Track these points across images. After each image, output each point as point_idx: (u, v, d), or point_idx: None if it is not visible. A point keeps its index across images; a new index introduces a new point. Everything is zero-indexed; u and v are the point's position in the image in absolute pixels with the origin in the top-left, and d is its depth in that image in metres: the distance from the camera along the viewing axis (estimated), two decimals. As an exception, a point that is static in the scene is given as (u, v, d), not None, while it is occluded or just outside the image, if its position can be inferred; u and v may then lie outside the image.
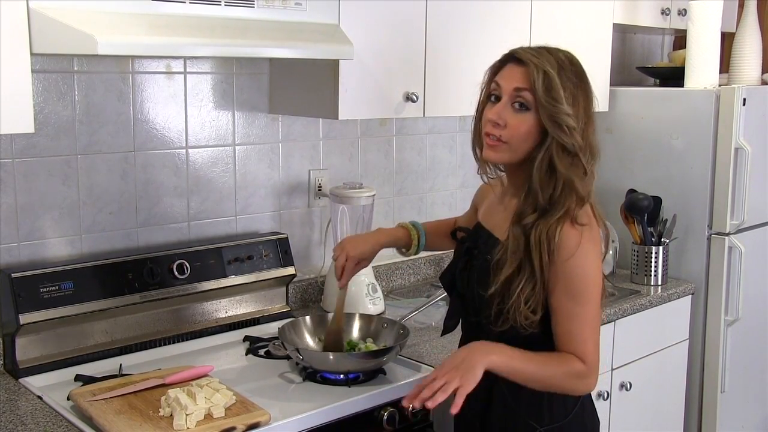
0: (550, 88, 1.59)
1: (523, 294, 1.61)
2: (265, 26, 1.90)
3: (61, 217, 2.07)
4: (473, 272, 1.74)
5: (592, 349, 1.64)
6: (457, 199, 3.00)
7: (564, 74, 1.60)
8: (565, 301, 1.62)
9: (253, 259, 2.30)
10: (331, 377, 1.94)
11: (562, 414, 1.70)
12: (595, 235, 1.65)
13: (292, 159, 2.51)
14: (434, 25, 2.33)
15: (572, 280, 1.61)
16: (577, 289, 1.61)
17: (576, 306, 1.62)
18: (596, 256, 1.65)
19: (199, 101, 2.28)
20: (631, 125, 3.05)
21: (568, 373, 1.63)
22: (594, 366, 1.64)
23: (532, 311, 1.61)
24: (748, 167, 2.83)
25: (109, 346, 2.06)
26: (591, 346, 1.64)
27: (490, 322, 1.66)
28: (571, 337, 1.63)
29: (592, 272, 1.63)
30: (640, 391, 2.74)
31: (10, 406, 1.78)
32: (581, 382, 1.65)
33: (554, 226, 1.60)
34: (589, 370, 1.64)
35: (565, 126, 1.59)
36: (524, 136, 1.62)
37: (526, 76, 1.61)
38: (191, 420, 1.64)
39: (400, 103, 2.29)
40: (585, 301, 1.62)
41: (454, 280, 1.81)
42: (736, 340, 2.96)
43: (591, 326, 1.64)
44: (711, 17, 2.89)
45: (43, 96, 2.00)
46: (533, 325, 1.62)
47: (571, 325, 1.62)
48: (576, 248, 1.59)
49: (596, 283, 1.64)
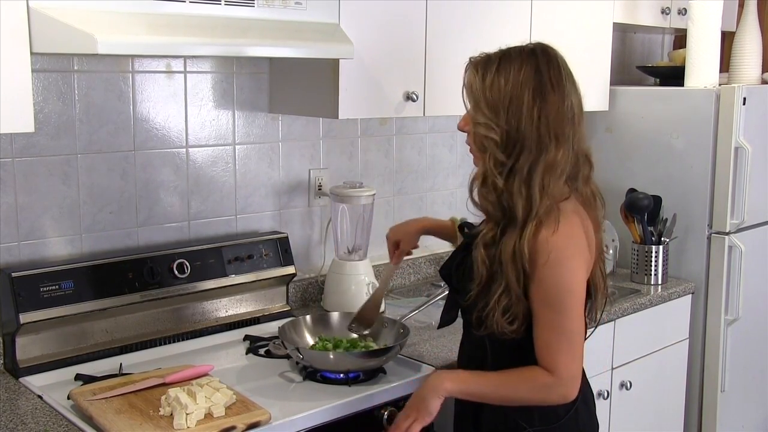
0: (469, 89, 1.63)
1: (500, 304, 1.60)
2: (265, 26, 1.90)
3: (61, 217, 2.07)
4: (467, 269, 1.74)
5: (565, 359, 1.61)
6: (457, 198, 3.00)
7: (488, 69, 1.61)
8: (544, 309, 1.60)
9: (253, 259, 2.30)
10: (332, 376, 1.94)
11: (553, 417, 1.69)
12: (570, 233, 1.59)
13: (292, 158, 2.51)
14: (434, 25, 2.33)
15: (548, 287, 1.58)
16: (553, 297, 1.59)
17: (554, 315, 1.59)
18: (573, 260, 1.60)
19: (199, 101, 2.28)
20: (631, 125, 3.05)
21: (533, 387, 1.62)
22: (566, 377, 1.61)
23: (509, 322, 1.60)
24: (748, 166, 2.83)
25: (109, 345, 2.06)
26: (563, 356, 1.60)
27: (472, 325, 1.67)
28: (547, 346, 1.61)
29: (568, 279, 1.59)
30: (640, 390, 2.74)
31: (10, 406, 1.78)
32: (552, 392, 1.63)
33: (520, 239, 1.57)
34: (558, 381, 1.61)
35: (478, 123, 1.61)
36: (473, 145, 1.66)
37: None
38: (191, 419, 1.64)
39: (400, 102, 2.29)
40: (562, 309, 1.59)
41: (450, 273, 1.81)
42: (736, 340, 2.96)
43: (567, 336, 1.61)
44: (711, 16, 2.89)
45: (43, 95, 2.00)
46: (514, 332, 1.62)
47: (549, 335, 1.61)
48: (548, 254, 1.57)
49: (573, 290, 1.60)
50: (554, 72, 1.60)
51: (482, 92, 1.60)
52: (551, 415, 1.69)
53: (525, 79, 1.58)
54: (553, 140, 1.58)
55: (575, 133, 1.62)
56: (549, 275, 1.57)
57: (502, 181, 1.59)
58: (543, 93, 1.58)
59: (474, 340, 1.74)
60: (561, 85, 1.60)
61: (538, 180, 1.57)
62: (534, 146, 1.58)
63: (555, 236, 1.57)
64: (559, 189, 1.61)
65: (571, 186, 1.66)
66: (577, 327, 1.63)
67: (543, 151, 1.58)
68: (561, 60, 1.64)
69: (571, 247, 1.60)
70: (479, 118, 1.61)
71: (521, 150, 1.58)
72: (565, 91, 1.60)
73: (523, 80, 1.58)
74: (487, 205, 1.63)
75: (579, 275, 1.62)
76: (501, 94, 1.59)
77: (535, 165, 1.58)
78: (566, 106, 1.60)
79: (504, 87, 1.58)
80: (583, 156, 1.66)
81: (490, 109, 1.59)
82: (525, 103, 1.57)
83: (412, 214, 2.85)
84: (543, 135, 1.57)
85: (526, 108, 1.57)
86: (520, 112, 1.57)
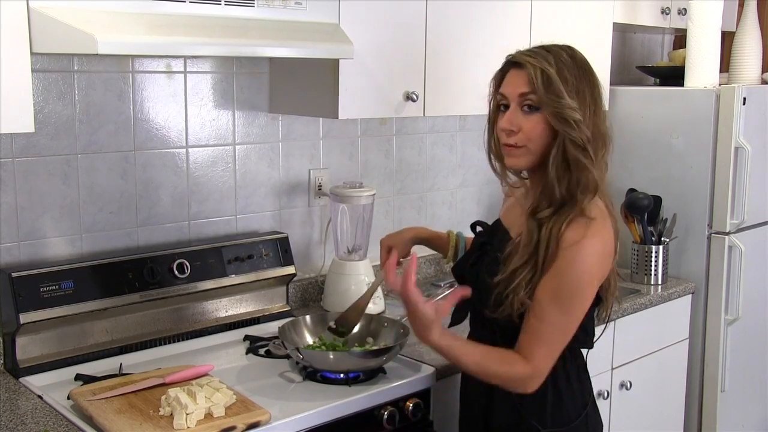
0: (549, 85, 1.59)
1: (525, 279, 1.61)
2: (265, 25, 1.90)
3: (61, 217, 2.07)
4: (482, 267, 1.74)
5: (545, 352, 1.63)
6: (457, 198, 3.01)
7: (564, 69, 1.61)
8: (547, 298, 1.61)
9: (253, 259, 2.30)
10: (332, 376, 1.93)
11: (566, 419, 1.70)
12: (602, 230, 1.62)
13: (292, 158, 2.51)
14: (434, 24, 2.33)
15: (563, 283, 1.60)
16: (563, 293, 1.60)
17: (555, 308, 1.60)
18: (597, 254, 1.62)
19: (199, 100, 2.28)
20: (631, 125, 3.05)
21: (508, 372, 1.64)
22: (539, 370, 1.64)
23: (529, 297, 1.62)
24: (748, 166, 2.84)
25: (109, 345, 2.06)
26: (545, 349, 1.63)
27: (488, 307, 1.67)
28: (535, 335, 1.62)
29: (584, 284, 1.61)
30: (640, 390, 2.74)
31: (10, 406, 1.78)
32: (520, 383, 1.65)
33: (563, 220, 1.60)
34: (532, 372, 1.63)
35: (571, 120, 1.59)
36: (539, 137, 1.63)
37: (527, 79, 1.62)
38: (191, 419, 1.64)
39: (400, 102, 2.29)
40: (565, 308, 1.61)
41: (464, 273, 1.81)
42: (736, 340, 2.96)
43: (557, 335, 1.63)
44: (711, 16, 2.89)
45: (43, 95, 2.00)
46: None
47: (541, 326, 1.62)
48: (575, 242, 1.58)
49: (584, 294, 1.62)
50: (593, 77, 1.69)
51: (559, 77, 1.61)
52: (564, 416, 1.71)
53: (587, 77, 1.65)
54: (607, 138, 1.66)
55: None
56: (569, 272, 1.59)
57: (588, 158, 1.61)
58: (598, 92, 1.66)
59: (483, 334, 1.75)
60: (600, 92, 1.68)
61: (603, 172, 1.64)
62: (600, 141, 1.64)
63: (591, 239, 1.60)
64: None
65: None
66: (572, 328, 1.64)
67: (605, 146, 1.65)
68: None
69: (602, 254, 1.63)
70: (562, 102, 1.59)
71: (596, 143, 1.63)
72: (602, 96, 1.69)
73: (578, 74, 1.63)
74: (556, 184, 1.62)
75: (595, 281, 1.64)
76: (575, 81, 1.62)
77: (602, 157, 1.64)
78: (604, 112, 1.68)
79: (575, 82, 1.62)
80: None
81: (570, 92, 1.61)
82: (588, 101, 1.63)
83: (412, 214, 2.85)
84: (604, 130, 1.65)
85: (590, 100, 1.63)
86: (594, 105, 1.64)
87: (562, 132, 1.60)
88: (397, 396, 1.93)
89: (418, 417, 1.97)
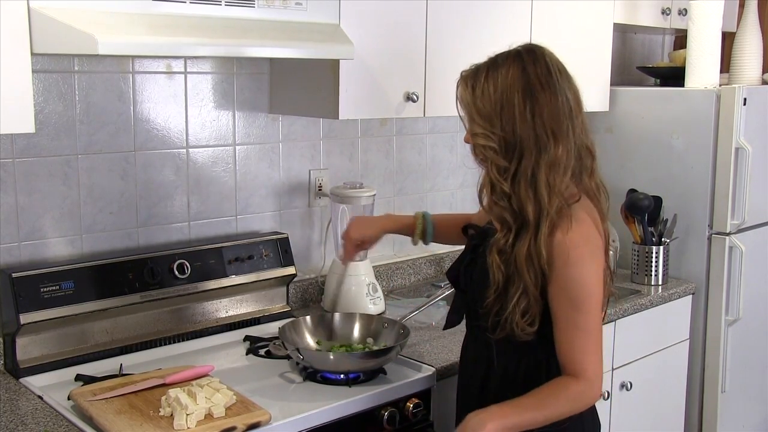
0: (464, 107, 1.64)
1: (519, 307, 1.60)
2: (265, 26, 1.90)
3: (62, 217, 2.07)
4: (476, 270, 1.74)
5: (592, 358, 1.61)
6: (458, 198, 3.00)
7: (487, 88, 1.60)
8: (567, 309, 1.59)
9: (253, 259, 2.30)
10: (332, 377, 1.93)
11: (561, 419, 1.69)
12: (586, 232, 1.60)
13: (292, 159, 2.51)
14: (434, 25, 2.33)
15: (571, 288, 1.58)
16: (578, 297, 1.59)
17: (578, 314, 1.59)
18: (593, 259, 1.61)
19: (199, 101, 2.28)
20: (632, 125, 3.05)
21: (569, 399, 1.61)
22: (595, 377, 1.62)
23: (529, 324, 1.61)
24: (749, 167, 2.83)
25: (109, 345, 2.06)
26: (591, 356, 1.61)
27: (488, 330, 1.67)
28: (572, 347, 1.61)
29: (589, 278, 1.59)
30: (641, 391, 2.74)
31: (10, 406, 1.78)
32: (585, 398, 1.63)
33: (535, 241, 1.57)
34: (587, 384, 1.61)
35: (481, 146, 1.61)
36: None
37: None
38: (192, 420, 1.64)
39: (401, 103, 2.29)
40: (587, 309, 1.59)
41: (459, 275, 1.81)
42: (737, 340, 2.96)
43: (594, 336, 1.61)
44: (711, 17, 2.89)
45: (43, 96, 2.00)
46: (531, 334, 1.62)
47: (573, 335, 1.60)
48: (567, 254, 1.57)
49: (594, 290, 1.60)
50: (541, 70, 1.59)
51: (473, 104, 1.61)
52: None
53: (512, 82, 1.58)
54: (551, 138, 1.58)
55: (574, 127, 1.61)
56: (571, 275, 1.58)
57: (508, 186, 1.59)
58: (533, 92, 1.58)
59: (480, 340, 1.74)
60: (551, 82, 1.59)
61: (543, 179, 1.57)
62: (533, 147, 1.58)
63: (570, 235, 1.57)
64: (567, 186, 1.61)
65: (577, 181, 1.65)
66: (600, 325, 1.64)
67: (543, 150, 1.57)
68: (549, 57, 1.63)
69: (589, 245, 1.60)
70: (475, 129, 1.62)
71: (521, 153, 1.58)
72: (557, 87, 1.59)
73: (510, 83, 1.58)
74: (499, 212, 1.63)
75: (599, 273, 1.62)
76: (492, 101, 1.59)
77: (537, 165, 1.58)
78: (560, 101, 1.59)
79: (493, 94, 1.59)
80: (585, 149, 1.66)
81: (484, 119, 1.60)
82: (516, 105, 1.57)
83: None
84: (540, 134, 1.57)
85: (518, 110, 1.57)
86: (513, 116, 1.58)
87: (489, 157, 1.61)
88: (397, 396, 1.93)
89: (418, 417, 1.97)
